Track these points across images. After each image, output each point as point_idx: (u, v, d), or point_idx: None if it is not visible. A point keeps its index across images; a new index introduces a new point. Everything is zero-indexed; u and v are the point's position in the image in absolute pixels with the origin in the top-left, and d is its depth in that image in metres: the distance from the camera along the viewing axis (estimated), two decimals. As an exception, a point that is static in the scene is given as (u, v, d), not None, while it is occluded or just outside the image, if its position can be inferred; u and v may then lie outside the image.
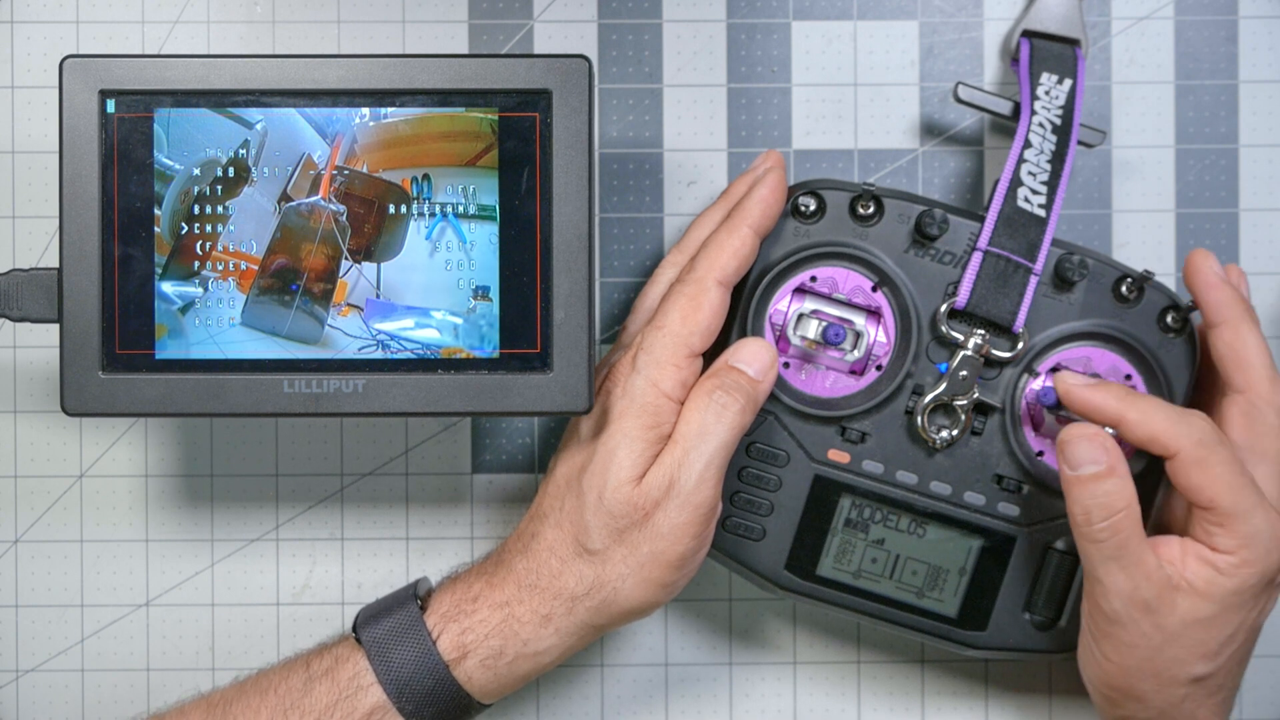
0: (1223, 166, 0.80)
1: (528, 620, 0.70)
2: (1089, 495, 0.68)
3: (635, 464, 0.69)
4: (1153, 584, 0.68)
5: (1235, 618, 0.69)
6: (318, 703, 0.70)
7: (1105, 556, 0.68)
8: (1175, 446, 0.68)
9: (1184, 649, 0.69)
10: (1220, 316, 0.72)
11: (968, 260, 0.73)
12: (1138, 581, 0.68)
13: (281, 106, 0.69)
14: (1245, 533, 0.68)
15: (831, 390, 0.74)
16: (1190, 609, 0.68)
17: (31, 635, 0.80)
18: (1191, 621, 0.68)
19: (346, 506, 0.80)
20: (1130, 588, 0.68)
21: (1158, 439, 0.69)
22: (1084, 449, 0.68)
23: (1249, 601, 0.69)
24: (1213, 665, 0.69)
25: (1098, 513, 0.68)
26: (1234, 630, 0.69)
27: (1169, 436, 0.68)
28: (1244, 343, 0.72)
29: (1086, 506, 0.68)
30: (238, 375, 0.69)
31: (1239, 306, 0.72)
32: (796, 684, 0.81)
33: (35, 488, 0.79)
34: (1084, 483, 0.68)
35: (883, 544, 0.75)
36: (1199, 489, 0.68)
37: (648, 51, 0.79)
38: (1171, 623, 0.68)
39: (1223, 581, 0.68)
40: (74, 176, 0.68)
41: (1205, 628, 0.68)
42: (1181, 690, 0.69)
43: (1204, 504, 0.68)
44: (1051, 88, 0.75)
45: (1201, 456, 0.68)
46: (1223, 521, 0.68)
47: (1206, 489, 0.68)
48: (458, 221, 0.69)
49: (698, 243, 0.74)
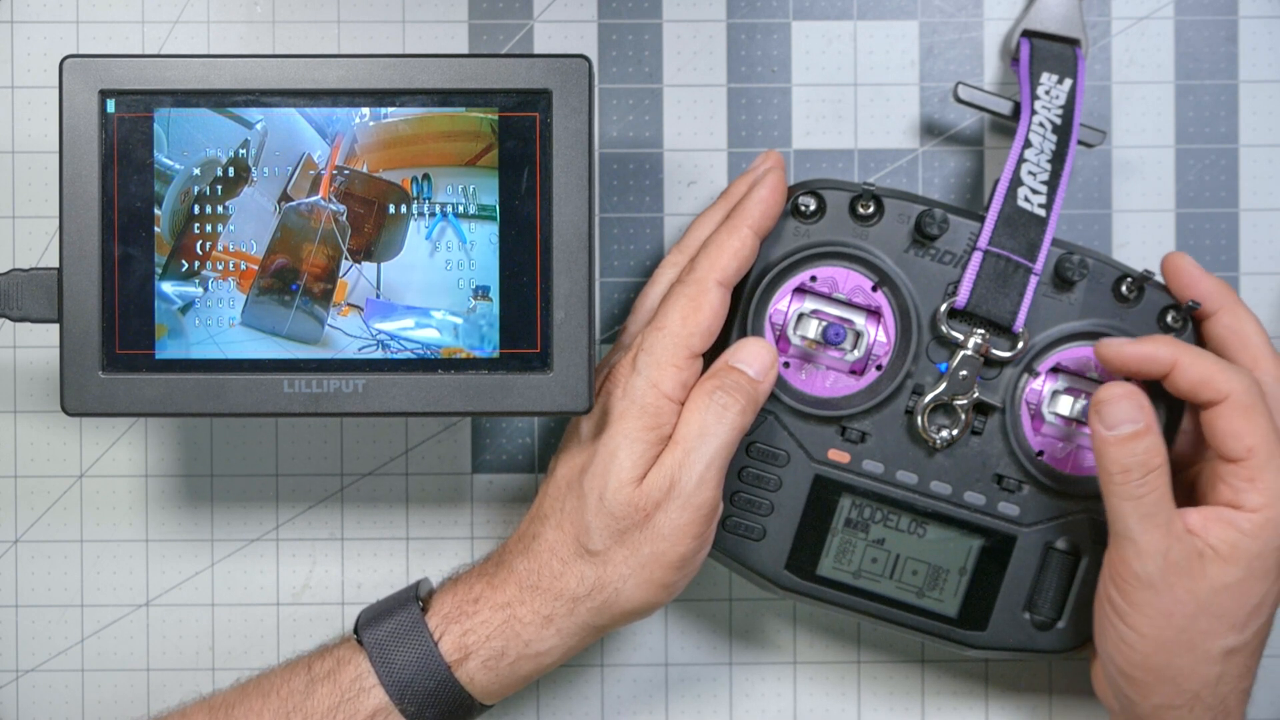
0: (1223, 166, 0.80)
1: (529, 621, 0.70)
2: (1128, 454, 0.68)
3: (636, 465, 0.69)
4: (1183, 546, 0.69)
5: (1260, 585, 0.69)
6: (320, 705, 0.70)
7: (1143, 514, 0.68)
8: (1227, 389, 0.69)
9: (1215, 619, 0.69)
10: (1215, 303, 0.73)
11: (968, 260, 0.73)
12: (1171, 541, 0.68)
13: (281, 106, 0.69)
14: (1274, 490, 0.68)
15: (831, 390, 0.74)
16: (1218, 574, 0.69)
17: (31, 635, 0.80)
18: (1220, 588, 0.69)
19: (346, 506, 0.80)
20: (1165, 546, 0.68)
21: (1210, 382, 0.69)
22: (1122, 408, 0.69)
23: (1273, 569, 0.69)
24: (1241, 638, 0.69)
25: (1137, 470, 0.68)
26: (1260, 600, 0.69)
27: (1221, 379, 0.69)
28: (1242, 322, 0.73)
29: (1126, 465, 0.68)
30: (238, 375, 0.69)
31: (1230, 292, 0.73)
32: (796, 684, 0.81)
33: (35, 488, 0.79)
34: (1123, 442, 0.69)
35: (883, 544, 0.75)
36: (1240, 435, 0.69)
37: (648, 51, 0.79)
38: (1202, 589, 0.69)
39: (1247, 544, 0.68)
40: (74, 176, 0.68)
41: (1233, 594, 0.69)
42: (1216, 668, 0.70)
43: (1241, 454, 0.69)
44: (1051, 88, 0.75)
45: (1249, 404, 0.69)
46: (1254, 475, 0.69)
47: (1248, 436, 0.69)
48: (458, 221, 0.69)
49: (698, 243, 0.74)
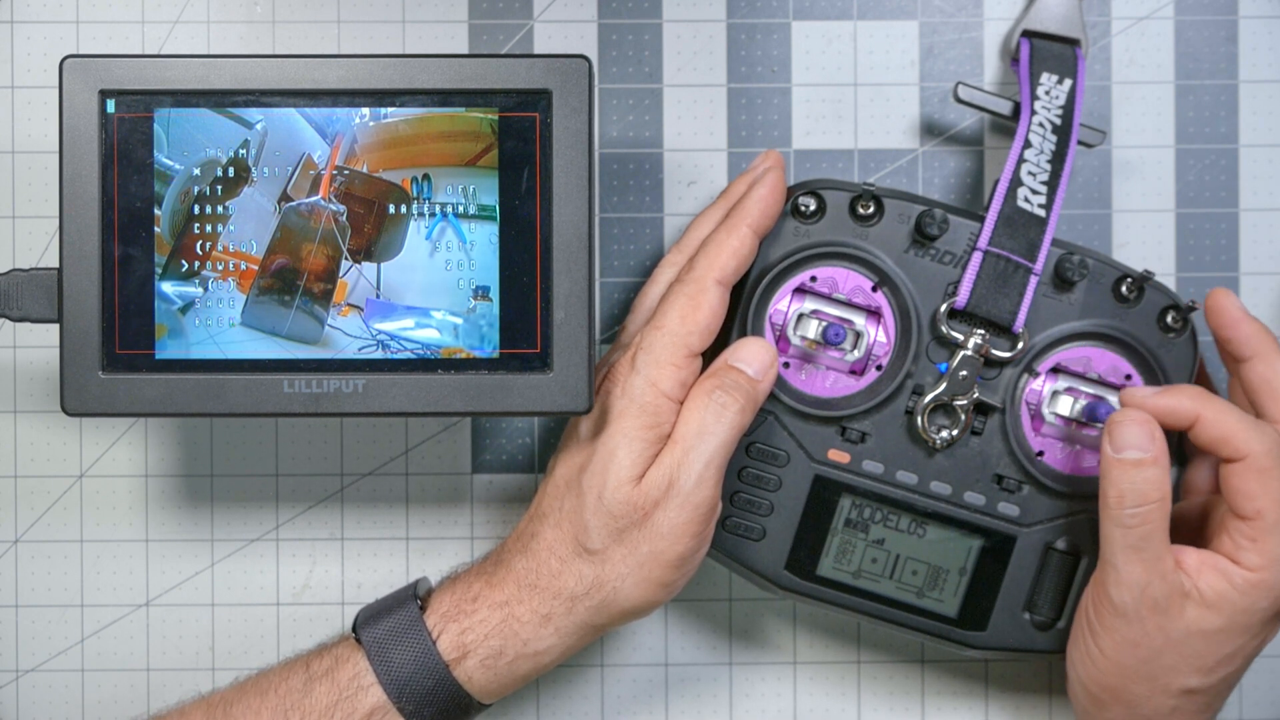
0: (1223, 166, 0.80)
1: (528, 620, 0.70)
2: (1127, 479, 0.68)
3: (635, 464, 0.69)
4: (1166, 584, 0.68)
5: (1238, 639, 0.69)
6: (318, 703, 0.70)
7: (1128, 544, 0.68)
8: (1247, 450, 0.68)
9: (1181, 658, 0.69)
10: (1251, 350, 0.72)
11: (968, 260, 0.73)
12: (1152, 577, 0.68)
13: (281, 106, 0.69)
14: (1274, 555, 0.68)
15: (831, 390, 0.74)
16: (1197, 619, 0.68)
17: (31, 635, 0.80)
18: (1195, 632, 0.68)
19: (346, 506, 0.80)
20: (1144, 581, 0.68)
21: (1230, 440, 0.69)
22: (1132, 433, 0.68)
23: (1255, 627, 0.69)
24: (1205, 681, 0.69)
25: (1131, 498, 0.68)
26: (1233, 651, 0.69)
27: (1243, 439, 0.68)
28: (1276, 374, 0.72)
29: (1122, 490, 0.68)
30: (238, 375, 0.69)
31: (1269, 339, 0.73)
32: (796, 684, 0.80)
33: (35, 488, 0.79)
34: (1125, 466, 0.68)
35: (883, 544, 0.75)
36: (1252, 497, 0.68)
37: (648, 51, 0.79)
38: (1176, 629, 0.68)
39: (1235, 598, 0.68)
40: (74, 176, 0.68)
41: (1207, 641, 0.68)
42: (1171, 702, 0.70)
43: (1250, 514, 0.68)
44: (1051, 88, 0.75)
45: (1267, 466, 0.68)
46: (1258, 537, 0.68)
47: (1260, 499, 0.68)
48: (458, 221, 0.69)
49: (697, 242, 0.74)
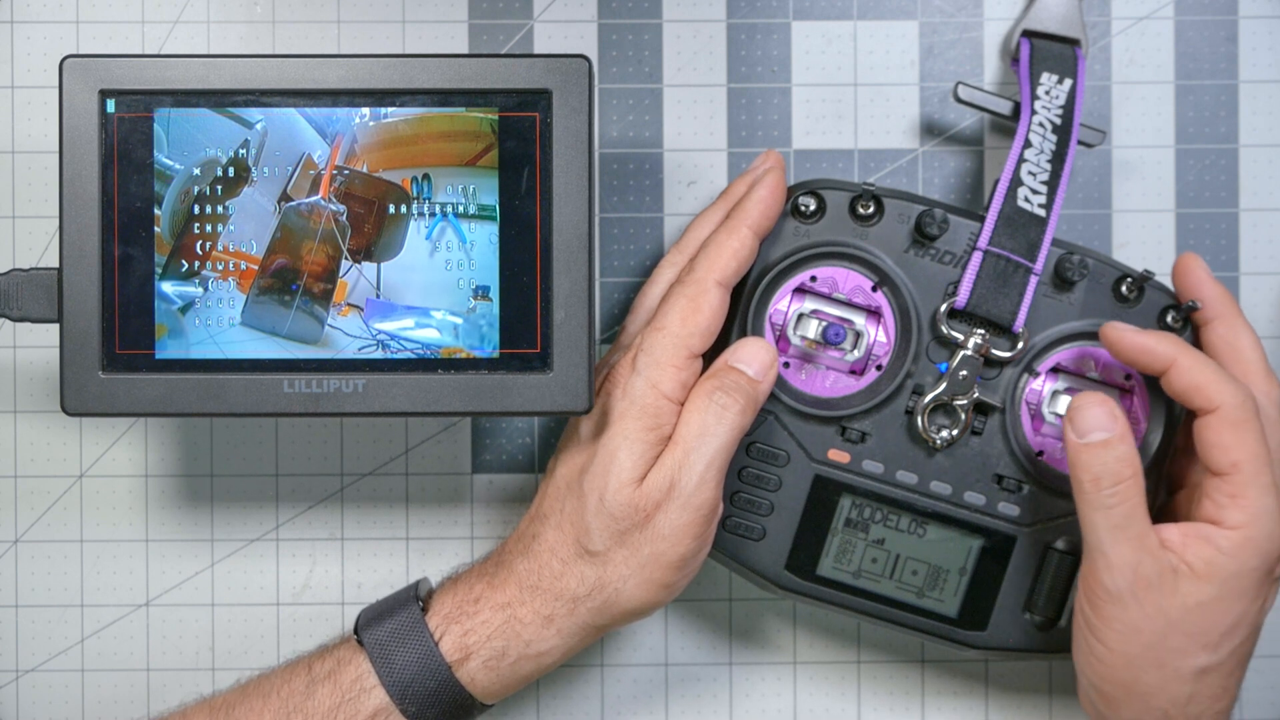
0: (1223, 166, 0.80)
1: (530, 621, 0.70)
2: (1098, 462, 0.68)
3: (636, 465, 0.69)
4: (1155, 561, 0.68)
5: (1236, 605, 0.68)
6: (320, 705, 0.70)
7: (1112, 525, 0.68)
8: (1219, 400, 0.68)
9: (1186, 637, 0.68)
10: (1214, 312, 0.73)
11: (968, 260, 0.73)
12: (1141, 555, 0.68)
13: (281, 106, 0.69)
14: (1255, 509, 0.68)
15: (831, 390, 0.74)
16: (1191, 591, 0.68)
17: (31, 635, 0.80)
18: (1193, 605, 0.68)
19: (346, 506, 0.80)
20: (1135, 560, 0.68)
21: (1204, 389, 0.68)
22: (1094, 415, 0.68)
23: (1250, 589, 0.68)
24: (1214, 657, 0.69)
25: (1107, 479, 0.68)
26: (1235, 620, 0.69)
27: (1216, 389, 0.68)
28: (1238, 335, 0.72)
29: (1096, 473, 0.68)
30: (238, 375, 0.69)
31: (1232, 303, 0.73)
32: (796, 684, 0.81)
33: (35, 488, 0.79)
34: (1094, 449, 0.68)
35: (883, 544, 0.75)
36: (1227, 449, 0.68)
37: (648, 51, 0.79)
38: (1173, 606, 0.68)
39: (1224, 562, 0.68)
40: (74, 176, 0.68)
41: (1206, 613, 0.68)
42: (1187, 687, 0.69)
43: (1226, 468, 0.68)
44: (1051, 88, 0.75)
45: (1241, 418, 0.68)
46: (1237, 492, 0.68)
47: (1234, 450, 0.68)
48: (458, 221, 0.69)
49: (697, 243, 0.74)
